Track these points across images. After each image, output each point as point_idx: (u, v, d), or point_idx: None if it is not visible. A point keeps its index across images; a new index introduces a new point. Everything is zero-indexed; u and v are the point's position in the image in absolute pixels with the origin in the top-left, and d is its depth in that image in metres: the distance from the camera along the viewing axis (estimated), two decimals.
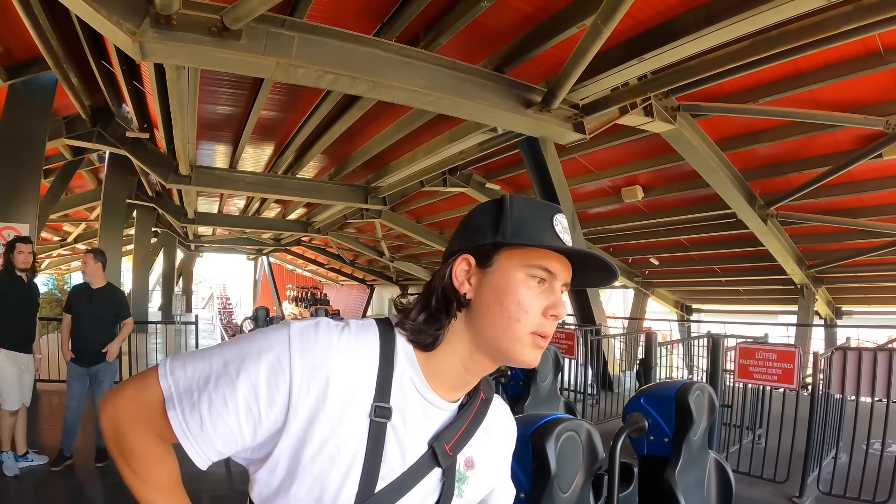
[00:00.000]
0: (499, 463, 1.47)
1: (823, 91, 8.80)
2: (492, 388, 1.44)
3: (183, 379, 1.14)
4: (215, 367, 1.14)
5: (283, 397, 1.10)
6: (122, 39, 5.74)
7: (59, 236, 25.35)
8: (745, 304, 20.05)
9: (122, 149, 12.08)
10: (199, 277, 55.36)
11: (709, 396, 3.21)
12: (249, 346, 1.15)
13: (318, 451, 1.12)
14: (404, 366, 1.22)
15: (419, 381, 1.23)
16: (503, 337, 1.20)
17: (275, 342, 1.14)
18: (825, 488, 6.03)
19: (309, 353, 1.12)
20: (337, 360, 1.14)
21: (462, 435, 1.29)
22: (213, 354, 1.16)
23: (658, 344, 9.47)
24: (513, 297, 1.19)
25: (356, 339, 1.19)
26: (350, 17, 7.17)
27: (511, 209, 1.24)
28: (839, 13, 6.15)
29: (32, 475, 6.11)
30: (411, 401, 1.22)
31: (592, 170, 13.79)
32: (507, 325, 1.19)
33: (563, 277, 1.24)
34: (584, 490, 2.38)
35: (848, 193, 11.55)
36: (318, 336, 1.15)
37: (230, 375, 1.11)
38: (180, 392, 1.13)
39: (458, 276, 1.24)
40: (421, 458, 1.22)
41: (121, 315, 6.62)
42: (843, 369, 6.19)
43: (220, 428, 1.11)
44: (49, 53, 8.00)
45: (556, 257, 1.22)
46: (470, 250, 1.25)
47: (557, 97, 7.78)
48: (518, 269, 1.20)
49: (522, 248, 1.21)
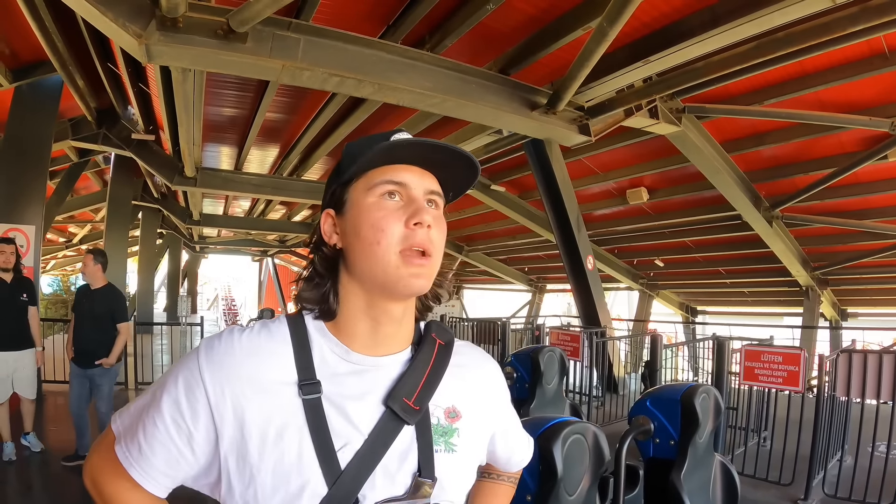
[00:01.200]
0: (488, 406, 1.41)
1: (829, 92, 8.80)
2: (449, 333, 1.39)
3: (127, 418, 1.22)
4: (147, 399, 1.20)
5: (203, 407, 1.12)
6: (128, 42, 5.75)
7: (64, 237, 25.44)
8: (749, 306, 19.99)
9: (128, 150, 12.09)
10: (204, 279, 55.48)
11: (714, 399, 3.21)
12: (170, 372, 1.19)
13: (261, 445, 1.11)
14: (319, 341, 1.22)
15: (337, 347, 1.22)
16: (374, 266, 1.16)
17: (187, 360, 1.18)
18: (830, 491, 6.02)
19: (216, 360, 1.15)
20: (242, 357, 1.15)
21: (425, 385, 1.25)
22: (147, 390, 1.23)
23: (663, 346, 9.47)
24: (367, 224, 1.16)
25: (259, 335, 1.20)
26: (355, 19, 7.17)
27: (349, 148, 1.25)
28: (845, 15, 6.13)
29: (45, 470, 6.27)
30: (339, 369, 1.20)
31: (597, 171, 13.80)
32: (372, 253, 1.16)
33: (422, 185, 1.20)
34: (590, 492, 2.38)
35: (853, 195, 11.54)
36: (221, 342, 1.18)
37: (156, 400, 1.16)
38: (125, 429, 1.21)
39: (326, 232, 1.26)
40: (380, 420, 1.18)
41: (116, 316, 6.56)
42: (849, 371, 6.18)
43: (156, 448, 1.15)
44: (55, 55, 8.02)
45: (405, 168, 1.20)
46: (328, 204, 1.28)
47: (563, 99, 7.79)
48: (365, 196, 1.18)
49: (363, 175, 1.20)
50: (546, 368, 5.12)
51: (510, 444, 1.54)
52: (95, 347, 6.38)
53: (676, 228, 15.44)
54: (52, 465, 6.55)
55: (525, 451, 1.61)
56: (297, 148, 12.33)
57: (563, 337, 10.05)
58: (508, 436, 1.52)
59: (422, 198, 1.19)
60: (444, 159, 1.21)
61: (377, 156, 1.17)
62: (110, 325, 6.51)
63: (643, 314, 20.52)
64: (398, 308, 1.23)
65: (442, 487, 1.23)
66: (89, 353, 6.38)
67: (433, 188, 1.22)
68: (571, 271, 12.08)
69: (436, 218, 1.19)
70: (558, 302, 30.30)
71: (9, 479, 6.13)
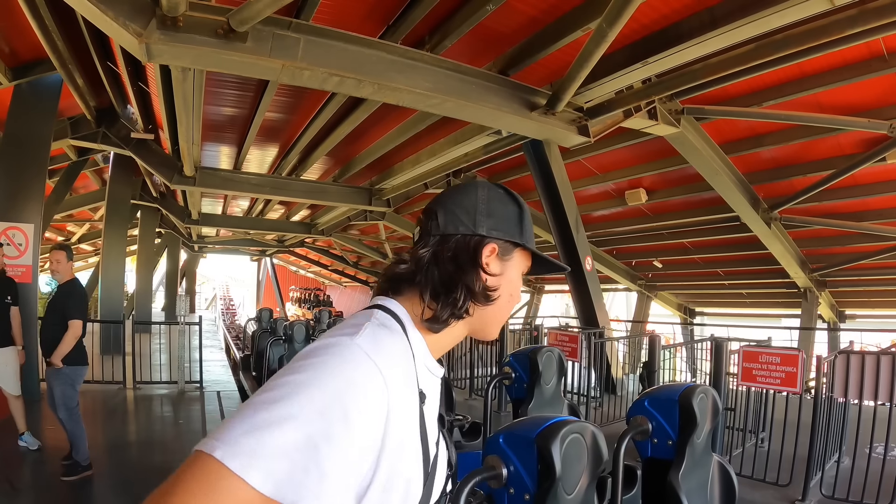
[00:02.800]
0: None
1: (827, 94, 8.82)
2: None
3: (277, 461, 0.88)
4: (314, 427, 0.92)
5: (383, 417, 1.03)
6: (129, 41, 5.76)
7: (63, 236, 25.36)
8: (748, 308, 20.01)
9: (127, 150, 12.10)
10: (203, 278, 55.51)
11: (712, 399, 3.22)
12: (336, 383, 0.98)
13: (399, 451, 1.07)
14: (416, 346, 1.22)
15: (429, 360, 1.26)
16: (500, 320, 1.36)
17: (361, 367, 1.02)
18: (828, 492, 6.02)
19: (389, 363, 1.06)
20: (401, 359, 1.14)
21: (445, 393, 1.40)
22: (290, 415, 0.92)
23: (661, 347, 9.47)
24: (517, 290, 1.38)
25: (395, 334, 1.17)
26: (356, 19, 7.18)
27: (524, 215, 1.41)
28: (843, 17, 6.16)
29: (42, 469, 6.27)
30: (430, 379, 1.26)
31: (596, 172, 13.82)
32: (507, 312, 1.36)
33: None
34: (588, 492, 2.39)
35: (851, 197, 11.56)
36: (384, 343, 1.10)
37: (340, 422, 0.94)
38: (288, 476, 0.88)
39: (487, 264, 1.28)
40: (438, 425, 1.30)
41: (67, 312, 6.06)
42: (847, 373, 6.19)
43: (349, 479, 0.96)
44: (54, 54, 8.02)
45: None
46: (495, 238, 1.31)
47: (562, 100, 7.80)
48: (518, 270, 1.38)
49: (523, 251, 1.38)
50: (544, 369, 5.12)
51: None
52: (48, 346, 6.07)
53: (675, 230, 15.46)
54: (49, 464, 6.55)
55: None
56: (297, 148, 12.35)
57: (561, 338, 10.04)
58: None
59: None
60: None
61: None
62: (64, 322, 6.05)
63: (641, 315, 20.54)
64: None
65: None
66: (45, 352, 6.15)
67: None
68: (570, 272, 12.08)
69: None
70: (557, 303, 30.32)
71: (7, 478, 6.13)
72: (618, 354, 12.41)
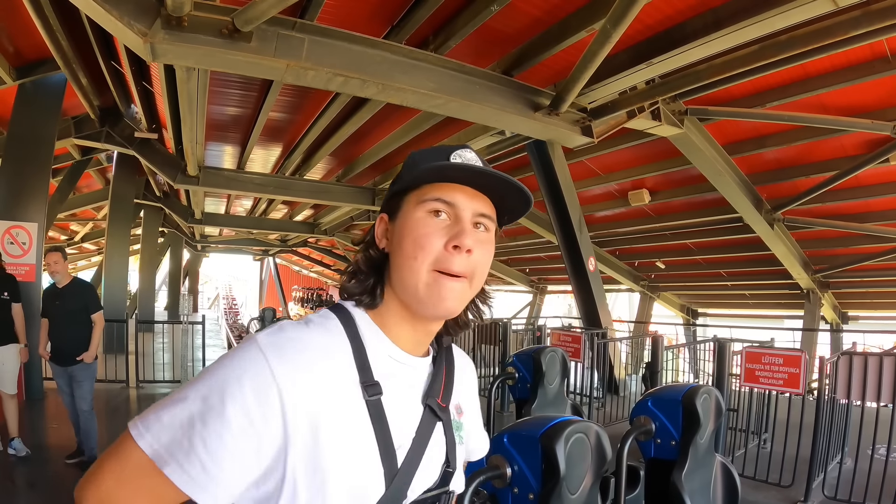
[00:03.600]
0: (474, 403, 1.52)
1: (831, 95, 8.81)
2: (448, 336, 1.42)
3: (162, 432, 1.03)
4: (194, 407, 1.03)
5: (276, 411, 1.03)
6: (133, 40, 5.77)
7: (66, 235, 25.42)
8: (751, 309, 20.02)
9: (131, 149, 12.11)
10: (206, 277, 55.55)
11: (715, 400, 3.22)
12: (223, 374, 1.06)
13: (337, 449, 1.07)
14: (371, 338, 1.20)
15: (388, 347, 1.22)
16: (408, 281, 1.17)
17: (247, 361, 1.06)
18: (830, 493, 6.03)
19: (286, 358, 1.06)
20: (313, 355, 1.10)
21: (446, 385, 1.33)
22: (184, 397, 1.05)
23: (664, 348, 9.47)
24: (409, 237, 1.17)
25: (323, 331, 1.16)
26: (360, 19, 7.19)
27: (411, 158, 1.27)
28: (847, 18, 6.15)
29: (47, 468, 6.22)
30: (390, 369, 1.20)
31: (600, 173, 13.82)
32: (408, 267, 1.16)
33: (471, 207, 1.18)
34: (591, 492, 2.40)
35: (855, 198, 11.56)
36: (289, 339, 1.10)
37: (214, 408, 1.02)
38: (167, 445, 1.02)
39: (378, 235, 1.27)
40: (422, 419, 1.23)
41: (90, 308, 6.48)
42: (849, 374, 6.19)
43: (224, 463, 1.01)
44: (59, 53, 8.03)
45: (458, 188, 1.18)
46: (384, 208, 1.28)
47: (566, 101, 7.80)
48: (415, 209, 1.18)
49: (418, 188, 1.20)
50: (548, 369, 5.13)
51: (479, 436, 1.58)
52: (76, 345, 6.32)
53: (678, 230, 15.47)
54: (53, 462, 6.56)
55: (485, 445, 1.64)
56: (300, 147, 12.36)
57: (564, 338, 10.05)
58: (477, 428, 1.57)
59: (468, 220, 1.17)
60: (497, 185, 1.20)
61: (431, 173, 1.18)
62: (86, 319, 6.44)
63: (644, 316, 20.53)
64: (434, 325, 1.27)
65: (457, 475, 1.34)
66: (69, 352, 6.31)
67: (483, 211, 1.20)
68: (573, 272, 12.09)
69: (480, 241, 1.18)
70: (559, 303, 30.32)
71: (10, 476, 6.14)
72: (620, 355, 12.41)
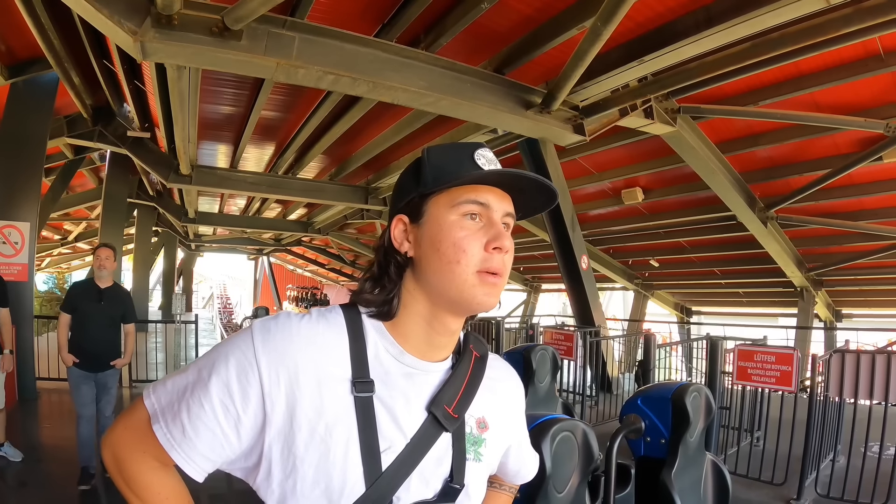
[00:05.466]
0: (511, 420, 1.46)
1: (824, 94, 8.82)
2: (485, 346, 1.43)
3: (164, 395, 1.18)
4: (191, 378, 1.16)
5: (255, 392, 1.11)
6: (124, 39, 5.75)
7: (59, 235, 25.40)
8: (744, 307, 20.02)
9: (123, 148, 12.07)
10: (200, 277, 55.61)
11: (705, 398, 3.22)
12: (219, 351, 1.17)
13: (309, 438, 1.12)
14: (375, 338, 1.22)
15: (392, 348, 1.23)
16: (449, 284, 1.18)
17: (240, 342, 1.15)
18: (823, 491, 6.04)
19: (272, 344, 1.13)
20: (301, 345, 1.14)
21: (464, 394, 1.28)
22: (189, 368, 1.19)
23: (657, 346, 9.48)
24: (448, 241, 1.18)
25: (317, 323, 1.19)
26: (351, 18, 7.17)
27: (428, 157, 1.25)
28: (839, 16, 6.15)
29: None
30: (391, 369, 1.21)
31: (592, 171, 13.81)
32: (450, 271, 1.17)
33: (501, 207, 1.22)
34: (579, 490, 2.39)
35: (848, 196, 11.56)
36: (279, 326, 1.16)
37: (203, 380, 1.14)
38: (163, 407, 1.16)
39: (396, 238, 1.25)
40: (423, 426, 1.20)
41: (126, 317, 6.21)
42: (842, 372, 6.19)
43: (201, 432, 1.12)
44: (50, 52, 8.01)
45: (487, 189, 1.22)
46: (402, 210, 1.27)
47: (557, 99, 7.78)
48: (447, 212, 1.20)
49: (447, 190, 1.21)
50: (538, 367, 5.12)
51: (521, 457, 1.57)
52: (109, 350, 6.04)
53: (671, 229, 15.47)
54: (46, 462, 6.53)
55: (532, 466, 1.64)
56: (293, 146, 12.34)
57: (556, 336, 10.05)
58: (521, 450, 1.56)
59: (500, 220, 1.21)
60: (526, 186, 1.23)
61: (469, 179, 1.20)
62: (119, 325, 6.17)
63: (638, 314, 20.52)
64: (456, 323, 1.27)
65: (468, 494, 1.29)
66: (102, 356, 5.96)
67: (510, 210, 1.24)
68: (566, 271, 12.11)
69: (510, 241, 1.21)
70: (554, 302, 30.34)
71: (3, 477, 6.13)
72: (614, 353, 12.43)
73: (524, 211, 1.31)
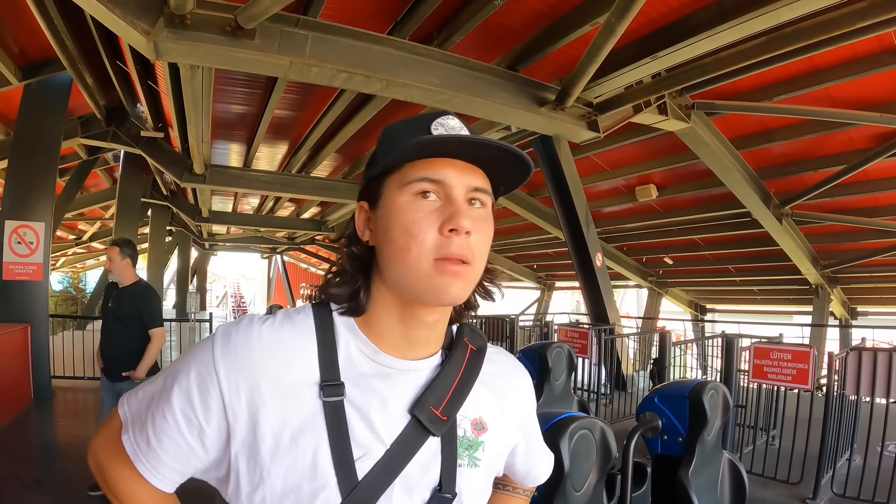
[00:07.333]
0: (515, 419, 1.32)
1: (838, 88, 8.75)
2: (482, 338, 1.31)
3: (135, 403, 1.16)
4: (157, 387, 1.13)
5: (217, 402, 1.05)
6: (137, 39, 5.76)
7: (74, 235, 25.52)
8: (759, 305, 19.92)
9: (137, 148, 12.12)
10: (214, 276, 55.76)
11: (723, 396, 3.19)
12: (183, 360, 1.12)
13: (274, 448, 1.04)
14: (347, 337, 1.13)
15: (366, 347, 1.12)
16: (404, 275, 1.05)
17: (201, 350, 1.09)
18: (839, 490, 6.00)
19: (232, 354, 1.06)
20: (262, 352, 1.07)
21: (454, 394, 1.16)
22: (159, 375, 1.16)
23: (672, 344, 9.44)
24: (398, 227, 1.04)
25: (281, 326, 1.11)
26: (363, 15, 7.18)
27: (385, 133, 1.15)
28: (853, 10, 6.12)
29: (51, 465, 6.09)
30: (365, 370, 1.11)
31: (606, 168, 13.79)
32: (403, 260, 1.04)
33: (463, 182, 1.06)
34: (597, 489, 2.37)
35: (863, 192, 11.49)
36: (240, 333, 1.09)
37: (167, 390, 1.10)
38: (133, 416, 1.15)
39: (360, 227, 1.15)
40: (405, 430, 1.10)
41: (145, 319, 5.44)
42: (858, 370, 6.15)
43: (165, 443, 1.08)
44: (64, 53, 8.04)
45: (445, 163, 1.05)
46: (363, 195, 1.16)
47: (571, 95, 7.76)
48: (398, 194, 1.06)
49: (399, 169, 1.07)
50: (554, 364, 5.11)
51: (531, 458, 1.45)
52: (117, 354, 5.43)
53: (686, 226, 15.40)
54: (61, 460, 6.56)
55: (544, 467, 1.51)
56: (306, 145, 12.36)
57: (571, 334, 10.03)
58: (530, 450, 1.43)
59: (462, 197, 1.05)
60: (491, 154, 1.07)
61: (411, 150, 1.04)
62: (139, 330, 5.45)
63: (652, 312, 20.48)
64: (431, 315, 1.14)
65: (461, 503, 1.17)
66: (111, 361, 5.46)
67: (477, 185, 1.08)
68: (580, 268, 12.08)
69: (477, 220, 1.06)
70: (567, 299, 30.32)
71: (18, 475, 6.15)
72: (628, 351, 12.40)
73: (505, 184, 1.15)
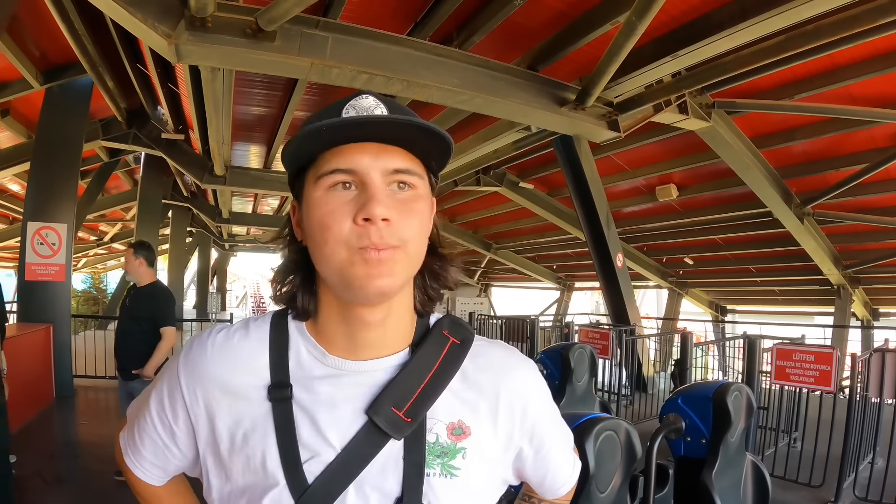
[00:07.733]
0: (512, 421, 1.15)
1: (860, 86, 8.66)
2: (467, 330, 1.18)
3: (134, 405, 1.29)
4: (147, 392, 1.24)
5: (181, 406, 1.13)
6: (158, 42, 5.79)
7: (95, 236, 25.74)
8: (780, 305, 19.75)
9: (158, 150, 12.24)
10: (234, 276, 55.99)
11: (747, 397, 3.18)
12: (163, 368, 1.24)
13: (230, 446, 1.06)
14: (297, 341, 1.10)
15: (315, 349, 1.09)
16: (327, 271, 1.00)
17: (173, 359, 1.19)
18: (861, 493, 5.95)
19: (191, 363, 1.13)
20: (213, 359, 1.11)
21: (423, 393, 1.06)
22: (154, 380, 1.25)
23: (693, 345, 9.39)
24: (313, 222, 0.99)
25: (234, 334, 1.13)
26: (383, 17, 7.19)
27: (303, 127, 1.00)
28: (874, 6, 6.06)
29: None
30: (315, 373, 1.07)
31: (626, 168, 13.73)
32: (322, 256, 0.99)
33: (379, 165, 0.98)
34: (621, 490, 2.37)
35: (886, 191, 11.32)
36: (199, 343, 1.15)
37: (149, 395, 1.21)
38: (130, 416, 1.28)
39: (295, 226, 1.11)
40: (359, 433, 1.02)
41: (157, 319, 5.54)
42: (882, 372, 6.10)
43: (145, 442, 1.21)
44: (84, 57, 8.12)
45: (356, 148, 0.98)
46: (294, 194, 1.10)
47: (591, 95, 7.73)
48: (314, 188, 1.00)
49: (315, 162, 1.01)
50: (576, 365, 5.10)
51: (544, 464, 1.25)
52: (127, 353, 5.59)
53: (706, 226, 15.28)
54: (82, 458, 6.61)
55: (564, 474, 1.32)
56: None
57: (592, 335, 10.01)
58: (541, 455, 1.22)
59: (379, 183, 0.98)
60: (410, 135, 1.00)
61: (310, 142, 0.99)
62: (151, 329, 5.54)
63: (672, 312, 20.35)
64: (374, 314, 1.05)
65: None
66: (121, 359, 5.62)
67: (397, 166, 1.00)
68: (601, 269, 12.05)
69: (401, 203, 0.99)
70: (586, 300, 30.25)
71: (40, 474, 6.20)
72: (649, 352, 12.35)
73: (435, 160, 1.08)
